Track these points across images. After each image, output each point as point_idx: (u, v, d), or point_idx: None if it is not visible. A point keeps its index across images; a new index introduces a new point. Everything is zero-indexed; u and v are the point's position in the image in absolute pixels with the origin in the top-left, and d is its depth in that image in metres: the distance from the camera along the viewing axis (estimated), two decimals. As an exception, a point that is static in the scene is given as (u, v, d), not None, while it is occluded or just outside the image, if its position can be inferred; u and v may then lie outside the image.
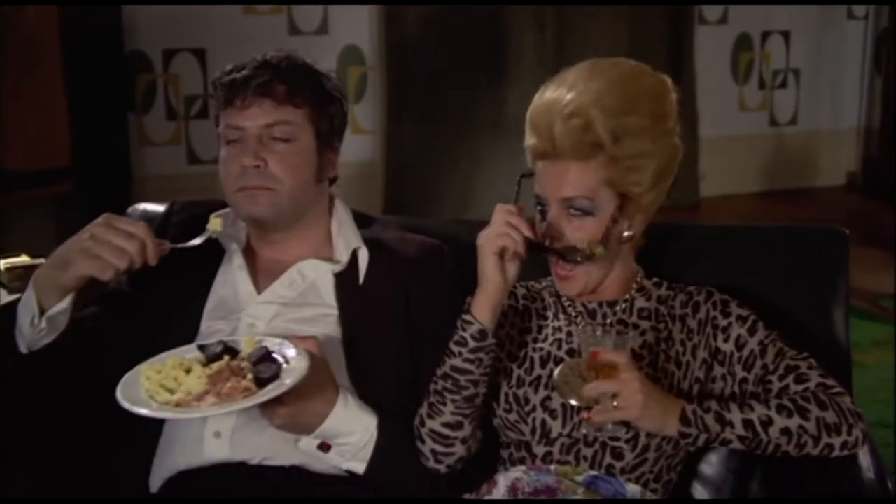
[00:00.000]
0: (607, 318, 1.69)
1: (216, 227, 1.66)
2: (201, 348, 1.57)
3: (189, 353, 1.56)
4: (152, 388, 1.48)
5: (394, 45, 5.17)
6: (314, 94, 1.74)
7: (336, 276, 1.75)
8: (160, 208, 1.96)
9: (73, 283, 1.55)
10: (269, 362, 1.50)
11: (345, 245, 1.78)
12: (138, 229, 1.54)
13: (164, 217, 1.91)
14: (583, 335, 1.58)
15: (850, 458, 1.59)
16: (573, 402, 1.54)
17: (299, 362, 1.50)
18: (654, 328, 1.68)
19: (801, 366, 1.61)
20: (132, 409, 1.43)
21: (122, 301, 1.74)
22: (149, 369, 1.51)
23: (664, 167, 1.62)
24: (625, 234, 1.64)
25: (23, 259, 2.44)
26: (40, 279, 1.57)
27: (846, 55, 6.31)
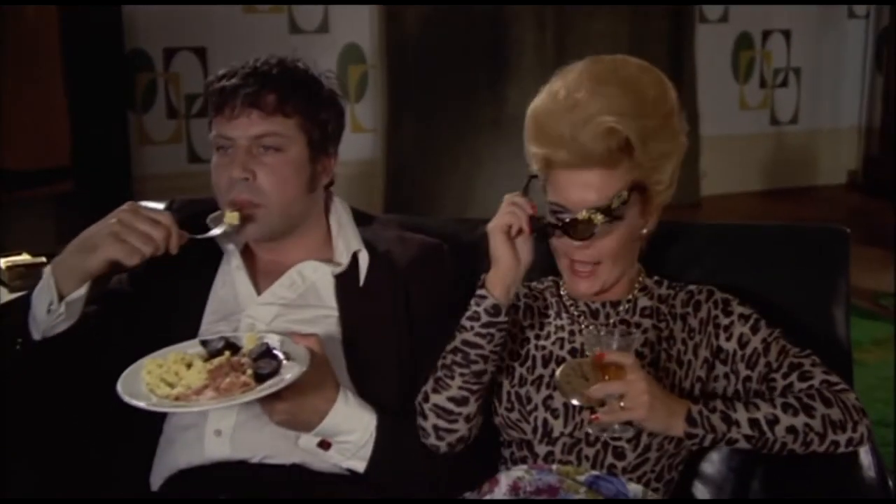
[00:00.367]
0: (610, 317, 1.69)
1: (233, 220, 1.67)
2: (203, 343, 1.57)
3: (191, 348, 1.57)
4: (153, 381, 1.49)
5: (394, 43, 5.16)
6: (306, 101, 1.70)
7: (336, 277, 1.74)
8: (159, 207, 1.96)
9: (98, 268, 1.56)
10: (270, 358, 1.50)
11: (345, 246, 1.77)
12: (164, 217, 1.57)
13: (163, 216, 1.91)
14: (587, 336, 1.58)
15: (851, 457, 1.59)
16: (575, 401, 1.55)
17: (299, 359, 1.50)
18: (655, 326, 1.68)
19: (805, 363, 1.61)
20: (130, 401, 1.44)
21: (123, 301, 1.74)
22: (151, 363, 1.52)
23: (680, 162, 1.65)
24: (643, 231, 1.66)
25: (23, 258, 2.44)
26: (60, 266, 1.57)
27: (847, 54, 6.30)
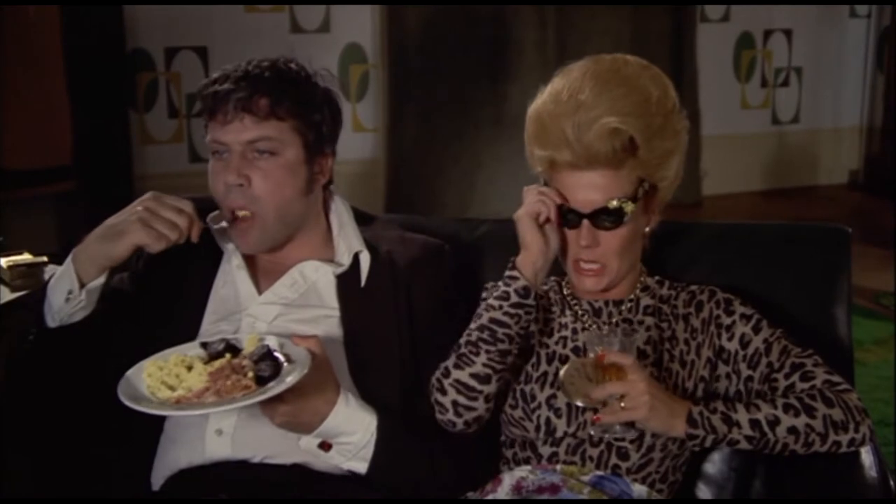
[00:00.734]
0: (613, 316, 1.69)
1: (245, 212, 1.68)
2: (204, 346, 1.57)
3: (191, 350, 1.56)
4: (154, 384, 1.49)
5: (396, 43, 5.16)
6: (299, 104, 1.68)
7: (337, 277, 1.74)
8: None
9: (124, 254, 1.60)
10: (271, 360, 1.50)
11: (346, 247, 1.77)
12: (186, 206, 1.63)
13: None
14: (589, 335, 1.59)
15: (852, 457, 1.59)
16: (579, 402, 1.55)
17: (300, 361, 1.50)
18: (657, 326, 1.68)
19: (807, 363, 1.61)
20: (131, 405, 1.44)
21: (123, 300, 1.74)
22: (151, 365, 1.52)
23: (683, 158, 1.66)
24: (646, 228, 1.67)
25: (25, 257, 2.43)
26: (81, 254, 1.60)
27: (848, 53, 6.30)
